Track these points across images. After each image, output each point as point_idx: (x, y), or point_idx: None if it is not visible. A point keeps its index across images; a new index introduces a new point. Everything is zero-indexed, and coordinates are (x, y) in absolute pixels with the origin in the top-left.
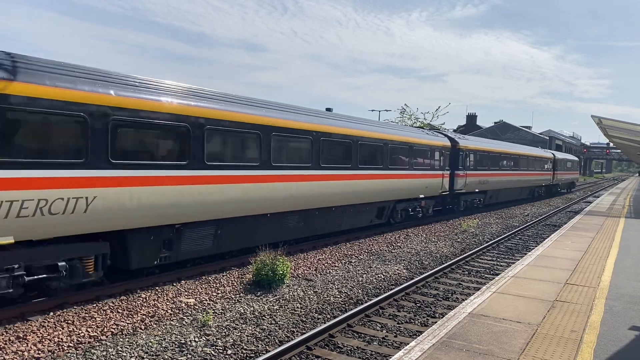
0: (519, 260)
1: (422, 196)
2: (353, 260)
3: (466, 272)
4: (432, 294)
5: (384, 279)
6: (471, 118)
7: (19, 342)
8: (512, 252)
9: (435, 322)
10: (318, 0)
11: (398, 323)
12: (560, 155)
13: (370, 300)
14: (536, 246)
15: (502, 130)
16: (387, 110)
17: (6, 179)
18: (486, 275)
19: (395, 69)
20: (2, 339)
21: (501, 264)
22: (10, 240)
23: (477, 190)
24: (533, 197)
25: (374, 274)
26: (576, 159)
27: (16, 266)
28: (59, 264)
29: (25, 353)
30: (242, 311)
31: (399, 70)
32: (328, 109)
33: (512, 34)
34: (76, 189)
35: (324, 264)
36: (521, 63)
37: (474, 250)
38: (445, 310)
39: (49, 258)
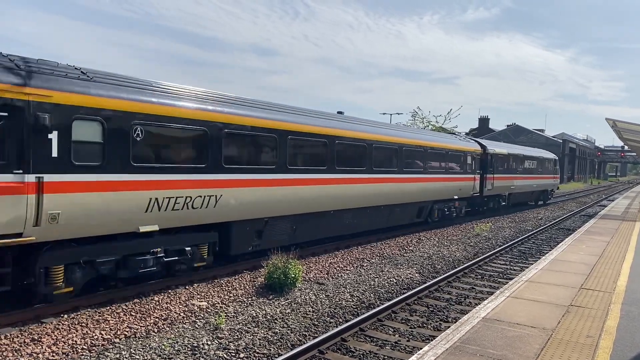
0: (532, 264)
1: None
2: (365, 264)
3: (479, 277)
4: (444, 298)
5: (396, 282)
6: (484, 121)
7: (34, 344)
8: (526, 256)
9: (449, 326)
10: (329, 5)
11: (411, 327)
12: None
13: (383, 304)
14: (550, 250)
15: (515, 134)
16: (398, 114)
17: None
18: (500, 280)
19: (406, 72)
20: (18, 340)
21: (515, 268)
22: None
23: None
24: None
25: (386, 277)
26: (551, 157)
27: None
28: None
29: (40, 355)
30: (254, 314)
31: (410, 74)
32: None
33: (524, 37)
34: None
35: (335, 268)
36: (534, 65)
37: (487, 255)
38: (458, 314)
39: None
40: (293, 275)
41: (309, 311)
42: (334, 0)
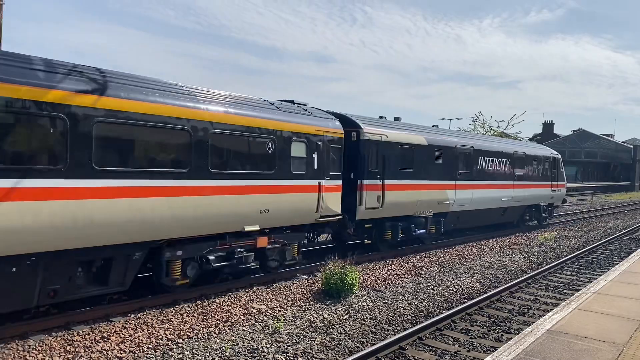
0: (601, 275)
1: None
2: (423, 272)
3: (543, 287)
4: (506, 309)
5: (455, 292)
6: (548, 126)
7: (104, 341)
8: (594, 267)
9: (511, 337)
10: (387, 11)
11: (471, 337)
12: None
13: (442, 313)
14: (620, 261)
15: (581, 139)
16: (458, 119)
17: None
18: (565, 291)
19: (466, 76)
20: (89, 338)
21: (581, 279)
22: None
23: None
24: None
25: (445, 286)
26: (545, 154)
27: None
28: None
29: (109, 352)
30: (312, 319)
31: (471, 78)
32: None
33: (592, 39)
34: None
35: (393, 275)
36: (602, 68)
37: (551, 265)
38: (521, 326)
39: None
40: (350, 282)
41: (366, 318)
42: (392, 5)
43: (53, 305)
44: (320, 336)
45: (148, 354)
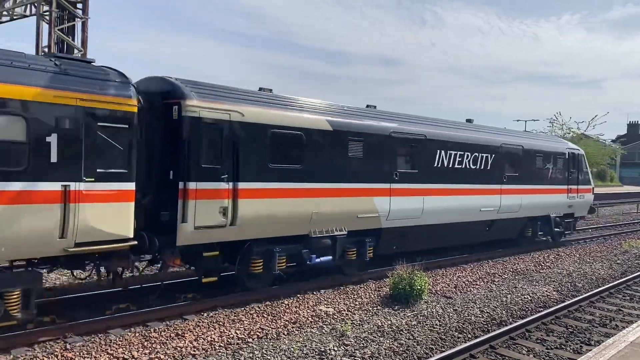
0: None
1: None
2: (496, 280)
3: (627, 298)
4: (586, 319)
5: (530, 300)
6: (633, 127)
7: (178, 339)
8: None
9: (590, 349)
10: (459, 11)
11: (547, 348)
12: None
13: (516, 322)
14: None
15: None
16: (534, 120)
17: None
18: None
19: (543, 76)
20: (165, 335)
21: None
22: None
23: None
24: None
25: (519, 294)
26: (556, 149)
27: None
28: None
29: (183, 349)
30: (380, 324)
31: (548, 78)
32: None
33: None
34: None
35: (464, 282)
36: None
37: (637, 274)
38: (602, 337)
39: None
40: (419, 287)
41: (436, 324)
42: (464, 5)
43: (132, 302)
44: (388, 341)
45: (219, 352)
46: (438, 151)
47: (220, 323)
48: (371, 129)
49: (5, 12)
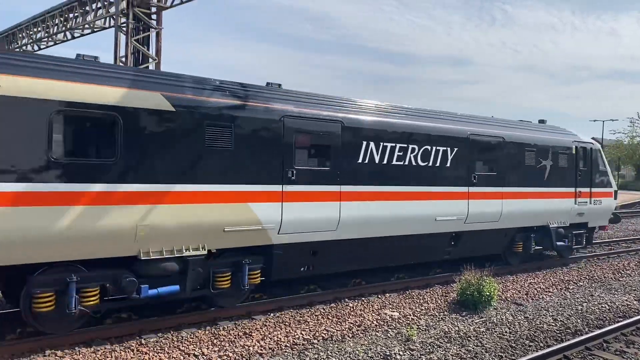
0: None
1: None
2: (571, 287)
3: None
4: None
5: (608, 309)
6: None
7: (246, 337)
8: None
9: None
10: (531, 8)
11: None
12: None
13: (592, 332)
14: None
15: None
16: (612, 120)
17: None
18: None
19: (622, 73)
20: (233, 333)
21: None
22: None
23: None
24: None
25: (596, 303)
26: (554, 141)
27: None
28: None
29: (251, 348)
30: (447, 330)
31: (630, 75)
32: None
33: None
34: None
35: (536, 289)
36: None
37: None
38: None
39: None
40: (488, 294)
41: (505, 332)
42: (535, 2)
43: (203, 301)
44: (455, 347)
45: (285, 352)
46: (366, 144)
47: (286, 323)
48: (245, 111)
49: (87, 25)
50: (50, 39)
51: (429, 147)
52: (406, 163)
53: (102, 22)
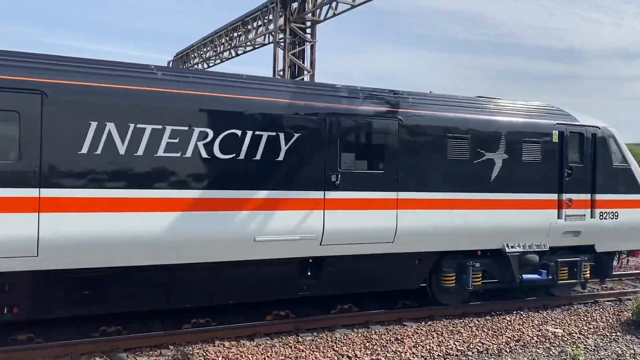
0: None
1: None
2: None
3: None
4: None
5: None
6: None
7: (397, 343)
8: None
9: None
10: None
11: None
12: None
13: None
14: None
15: None
16: None
17: None
18: None
19: None
20: (385, 338)
21: None
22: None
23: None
24: None
25: None
26: (538, 126)
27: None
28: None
29: (402, 354)
30: (620, 352)
31: None
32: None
33: None
34: None
35: None
36: None
37: None
38: None
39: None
40: None
41: None
42: None
43: (355, 303)
44: None
45: None
46: (90, 124)
47: (439, 332)
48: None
49: (248, 42)
50: (217, 57)
51: (236, 133)
52: (188, 155)
53: (262, 39)
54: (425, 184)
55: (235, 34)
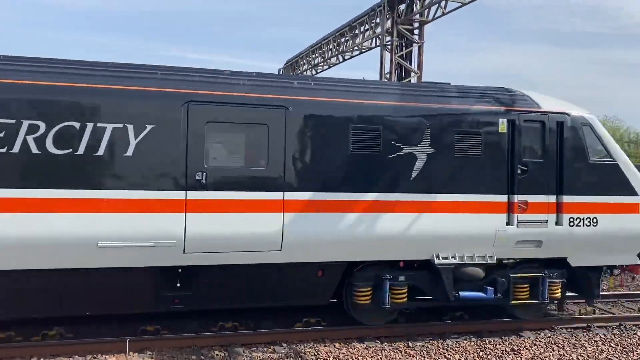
0: None
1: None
2: None
3: None
4: None
5: None
6: None
7: (514, 354)
8: None
9: None
10: None
11: None
12: None
13: None
14: None
15: None
16: None
17: None
18: None
19: None
20: (500, 348)
21: None
22: None
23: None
24: None
25: None
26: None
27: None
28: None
29: None
30: None
31: None
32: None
33: None
34: None
35: None
36: None
37: None
38: None
39: None
40: None
41: None
42: None
43: (466, 311)
44: None
45: None
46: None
47: (560, 345)
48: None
49: (355, 47)
50: (325, 63)
51: (74, 125)
52: (16, 151)
53: (369, 42)
54: (321, 182)
55: (342, 39)
